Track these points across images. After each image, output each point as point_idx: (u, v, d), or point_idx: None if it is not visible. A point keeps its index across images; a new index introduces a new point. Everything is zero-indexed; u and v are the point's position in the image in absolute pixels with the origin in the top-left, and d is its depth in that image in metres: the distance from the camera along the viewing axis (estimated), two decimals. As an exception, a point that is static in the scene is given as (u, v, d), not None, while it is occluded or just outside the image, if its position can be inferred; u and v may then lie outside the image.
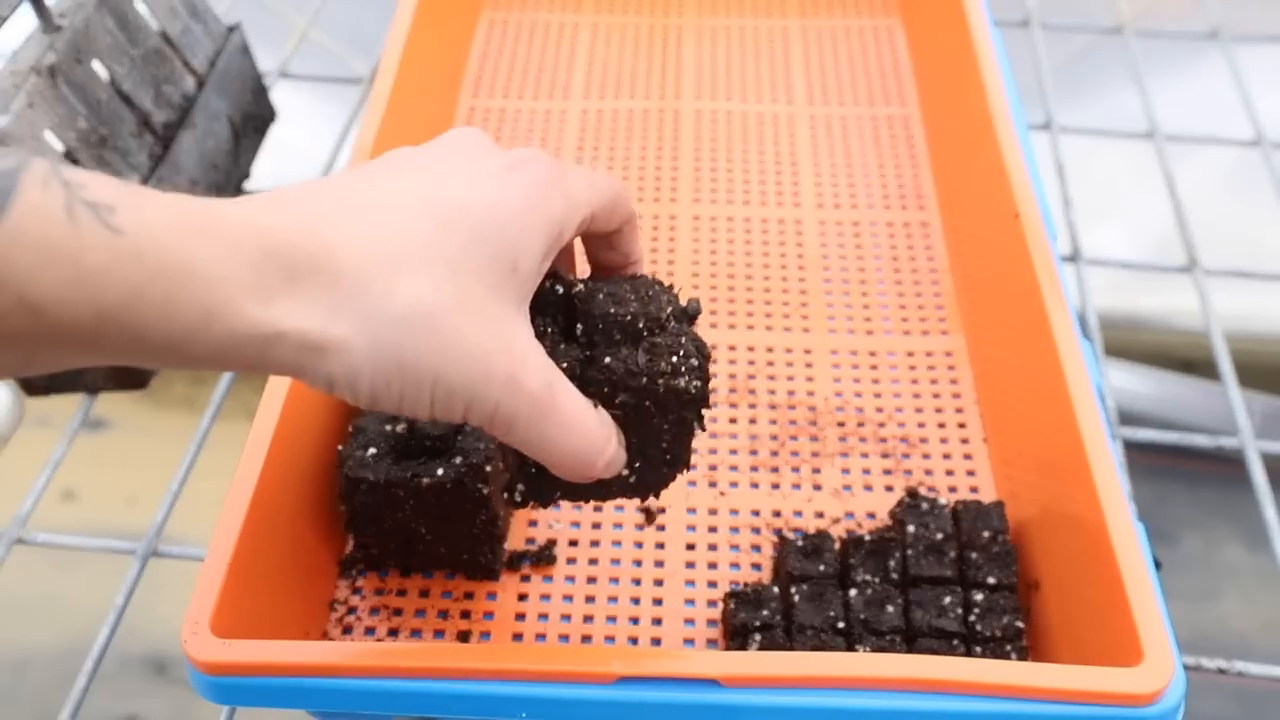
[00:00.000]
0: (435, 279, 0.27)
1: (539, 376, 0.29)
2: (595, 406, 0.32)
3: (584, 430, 0.30)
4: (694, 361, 0.34)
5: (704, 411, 0.35)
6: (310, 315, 0.25)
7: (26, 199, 0.22)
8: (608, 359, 0.33)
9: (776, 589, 0.42)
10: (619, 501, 0.47)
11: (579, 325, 0.34)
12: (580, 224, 0.32)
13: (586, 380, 0.33)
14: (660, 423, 0.34)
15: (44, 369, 0.25)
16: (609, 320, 0.33)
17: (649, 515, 0.47)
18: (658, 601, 0.44)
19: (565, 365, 0.32)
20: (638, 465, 0.35)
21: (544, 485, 0.36)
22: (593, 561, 0.45)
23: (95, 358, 0.24)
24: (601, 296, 0.34)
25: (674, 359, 0.33)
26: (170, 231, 0.24)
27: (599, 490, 0.36)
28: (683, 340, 0.34)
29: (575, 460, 0.31)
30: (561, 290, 0.34)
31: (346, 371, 0.26)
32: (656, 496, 0.36)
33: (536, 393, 0.29)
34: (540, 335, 0.33)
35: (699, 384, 0.33)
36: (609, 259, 0.36)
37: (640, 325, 0.33)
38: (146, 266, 0.23)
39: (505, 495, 0.37)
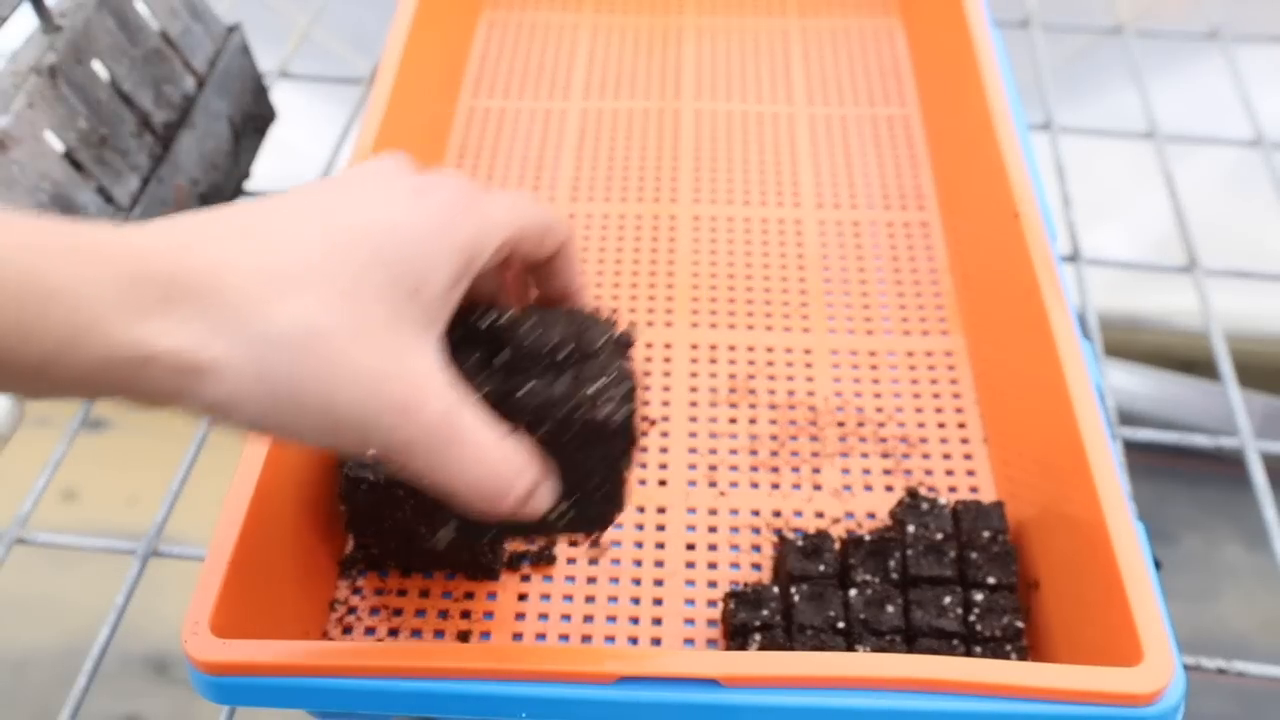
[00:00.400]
0: (326, 301, 0.26)
1: (439, 403, 0.28)
2: (511, 435, 0.30)
3: (490, 461, 0.29)
4: (621, 391, 0.32)
5: (634, 449, 0.34)
6: (186, 336, 0.24)
7: None
8: (526, 388, 0.32)
9: (776, 589, 0.42)
10: (619, 501, 0.47)
11: (505, 353, 0.33)
12: (498, 248, 0.31)
13: (507, 410, 0.31)
14: (588, 456, 0.33)
15: None
16: (533, 348, 0.32)
17: (595, 546, 0.46)
18: (658, 601, 0.44)
19: (485, 393, 0.31)
20: (570, 502, 0.33)
21: (478, 521, 0.33)
22: (593, 561, 0.45)
23: None
24: (530, 324, 0.33)
25: (597, 389, 0.32)
26: (30, 250, 0.23)
27: (534, 527, 0.34)
28: (612, 371, 0.32)
29: (481, 493, 0.29)
30: (492, 319, 0.33)
31: (226, 396, 0.25)
32: (599, 533, 0.35)
33: (434, 420, 0.27)
34: (465, 365, 0.32)
35: (624, 415, 0.32)
36: (549, 289, 0.36)
37: (566, 354, 0.32)
38: (5, 287, 0.22)
39: (434, 534, 0.35)
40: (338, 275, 0.26)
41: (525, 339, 0.32)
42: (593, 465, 0.33)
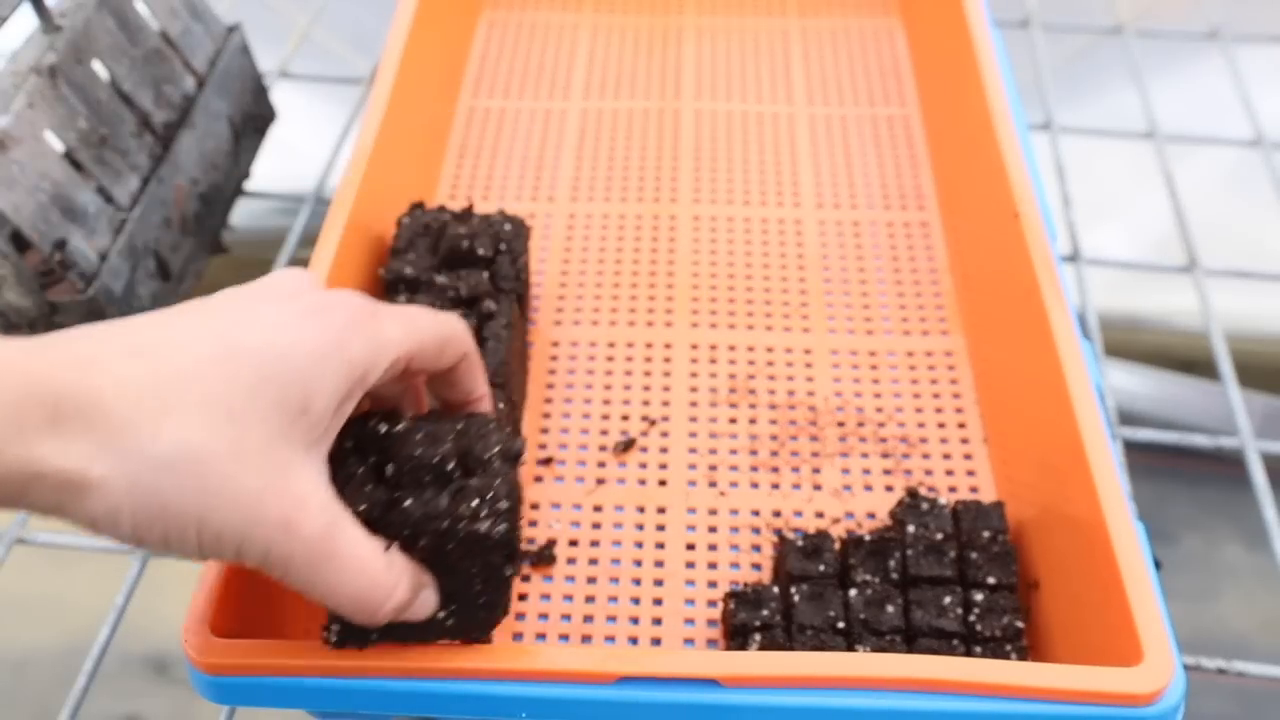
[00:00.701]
0: (211, 422, 0.27)
1: (318, 520, 0.29)
2: (389, 549, 0.31)
3: (365, 575, 0.30)
4: (502, 505, 0.33)
5: (515, 560, 0.34)
6: (71, 456, 0.25)
7: None
8: (408, 502, 0.33)
9: (776, 589, 0.42)
10: (620, 502, 0.47)
11: (390, 466, 0.33)
12: (391, 365, 0.32)
13: (387, 523, 0.32)
14: (469, 566, 0.34)
15: None
16: (416, 462, 0.33)
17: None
18: (658, 601, 0.44)
19: (365, 507, 0.32)
20: (453, 608, 0.34)
21: (360, 626, 0.34)
22: (593, 561, 0.45)
23: None
24: (418, 436, 0.34)
25: (477, 503, 0.33)
26: None
27: (416, 632, 0.35)
28: (495, 484, 0.33)
29: (355, 605, 0.30)
30: (384, 428, 0.34)
31: (106, 511, 0.26)
32: (480, 638, 0.36)
33: (313, 536, 0.28)
34: (351, 476, 0.33)
35: (503, 528, 0.33)
36: (450, 396, 0.36)
37: (449, 467, 0.33)
38: None
39: (323, 633, 0.35)
40: (224, 396, 0.27)
41: (412, 451, 0.33)
42: (473, 575, 0.34)
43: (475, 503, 0.33)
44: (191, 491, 0.27)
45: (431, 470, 0.33)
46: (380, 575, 0.30)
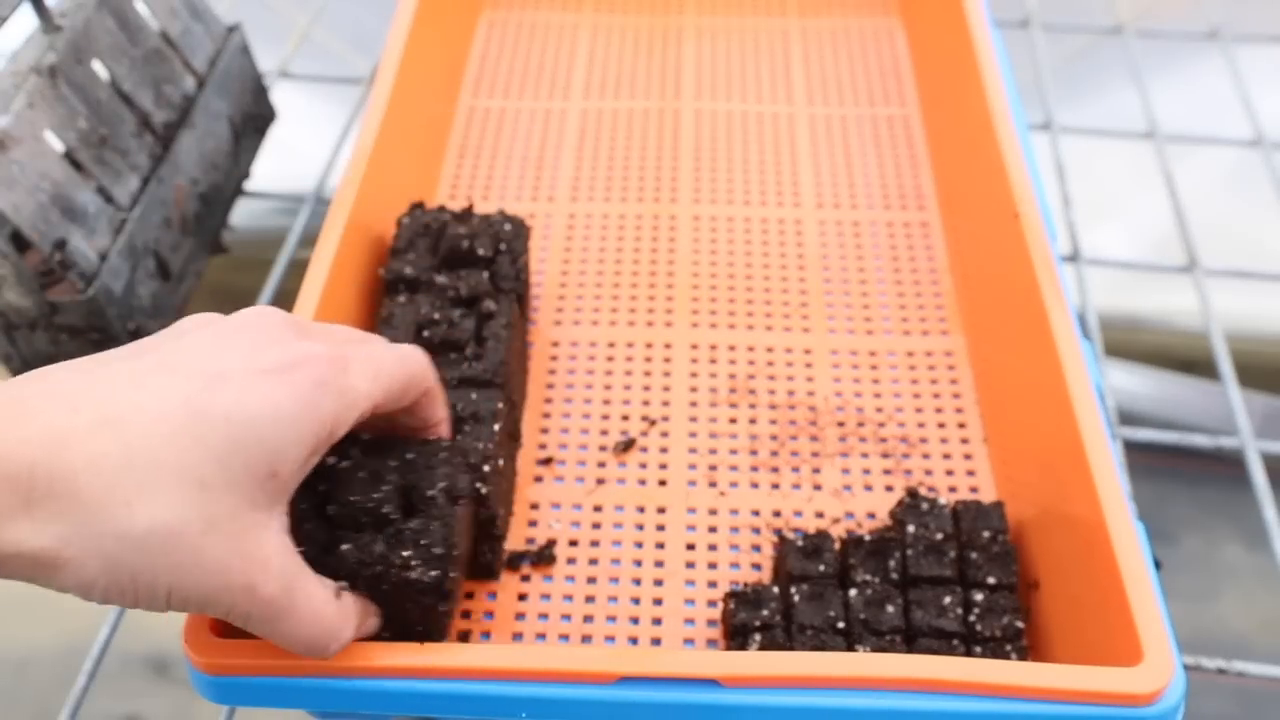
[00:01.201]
0: (182, 498, 0.28)
1: (277, 583, 0.30)
2: (339, 594, 0.33)
3: (319, 625, 0.32)
4: (436, 551, 0.34)
5: (450, 599, 0.36)
6: (44, 537, 0.26)
7: None
8: (345, 546, 0.34)
9: (776, 589, 0.42)
10: (620, 502, 0.47)
11: (330, 506, 0.35)
12: (359, 417, 0.32)
13: (324, 564, 0.34)
14: (404, 604, 0.35)
15: None
16: (355, 505, 0.34)
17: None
18: (658, 601, 0.44)
19: (304, 549, 0.33)
20: (390, 634, 0.36)
21: None
22: (593, 561, 0.45)
23: None
24: (361, 475, 0.35)
25: (410, 552, 0.34)
26: None
27: None
28: (432, 527, 0.35)
29: (307, 649, 0.32)
30: (331, 460, 0.35)
31: (78, 585, 0.27)
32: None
33: (272, 597, 0.30)
34: (300, 509, 0.34)
35: (435, 575, 0.34)
36: (409, 423, 0.37)
37: (386, 510, 0.34)
38: None
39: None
40: (195, 468, 0.28)
41: (352, 494, 0.35)
42: (409, 612, 0.35)
43: (408, 552, 0.34)
44: (163, 566, 0.28)
45: (369, 514, 0.35)
46: (331, 621, 0.32)
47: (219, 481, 0.28)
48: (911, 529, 0.43)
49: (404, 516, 0.35)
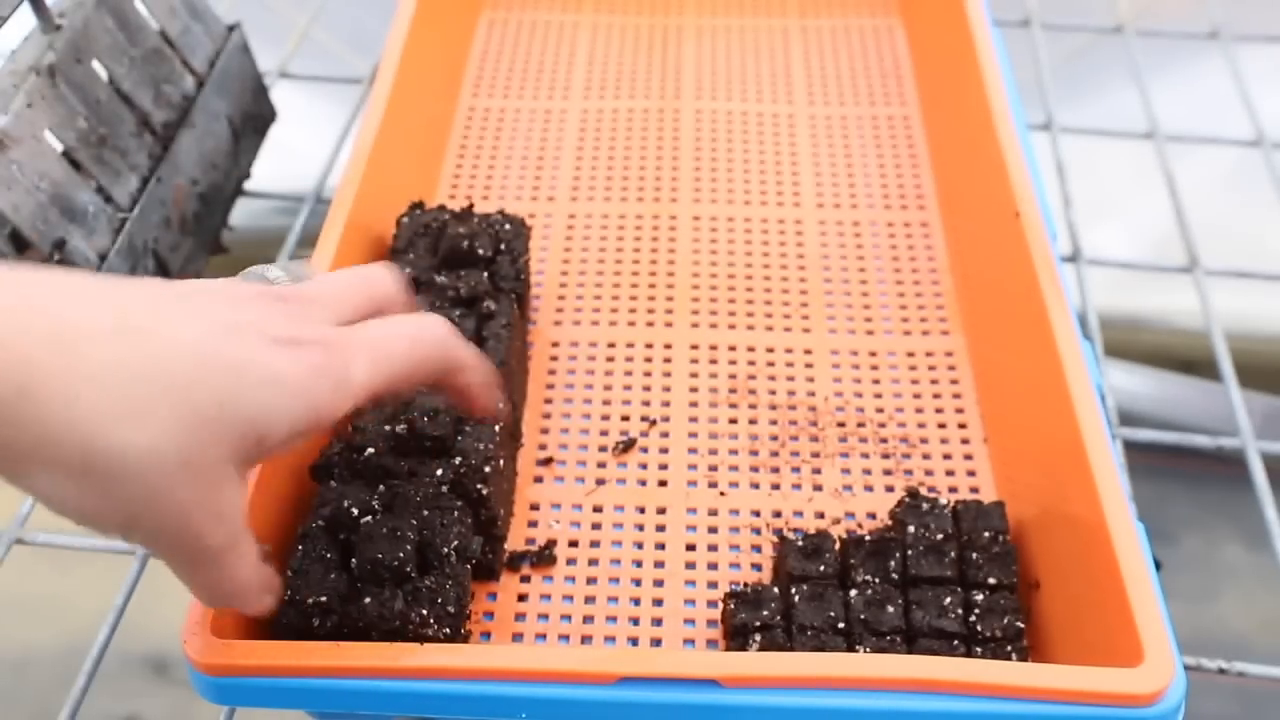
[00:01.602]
0: (172, 430, 0.27)
1: (224, 538, 0.30)
2: (266, 557, 0.33)
3: (236, 583, 0.32)
4: (449, 609, 0.37)
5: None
6: (28, 433, 0.26)
7: None
8: (366, 600, 0.36)
9: (776, 589, 0.42)
10: (620, 502, 0.47)
11: (354, 560, 0.37)
12: (352, 405, 0.32)
13: (345, 614, 0.36)
14: None
15: None
16: (377, 564, 0.37)
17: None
18: (658, 601, 0.44)
19: (325, 598, 0.36)
20: None
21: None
22: (593, 562, 0.45)
23: None
24: (383, 532, 0.37)
25: (426, 610, 0.37)
26: None
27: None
28: (447, 586, 0.37)
29: (213, 602, 0.34)
30: (355, 513, 0.38)
31: (43, 490, 0.27)
32: None
33: (212, 548, 0.30)
34: (317, 560, 0.37)
35: (448, 632, 0.37)
36: (449, 399, 0.38)
37: (408, 569, 0.37)
38: None
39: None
40: (190, 405, 0.28)
41: (375, 552, 0.37)
42: None
43: (425, 610, 0.37)
44: (129, 490, 0.27)
45: (390, 570, 0.37)
46: (251, 589, 0.33)
47: (209, 427, 0.28)
48: (912, 529, 0.43)
49: (419, 573, 0.38)
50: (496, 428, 0.42)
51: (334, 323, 0.33)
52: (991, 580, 0.41)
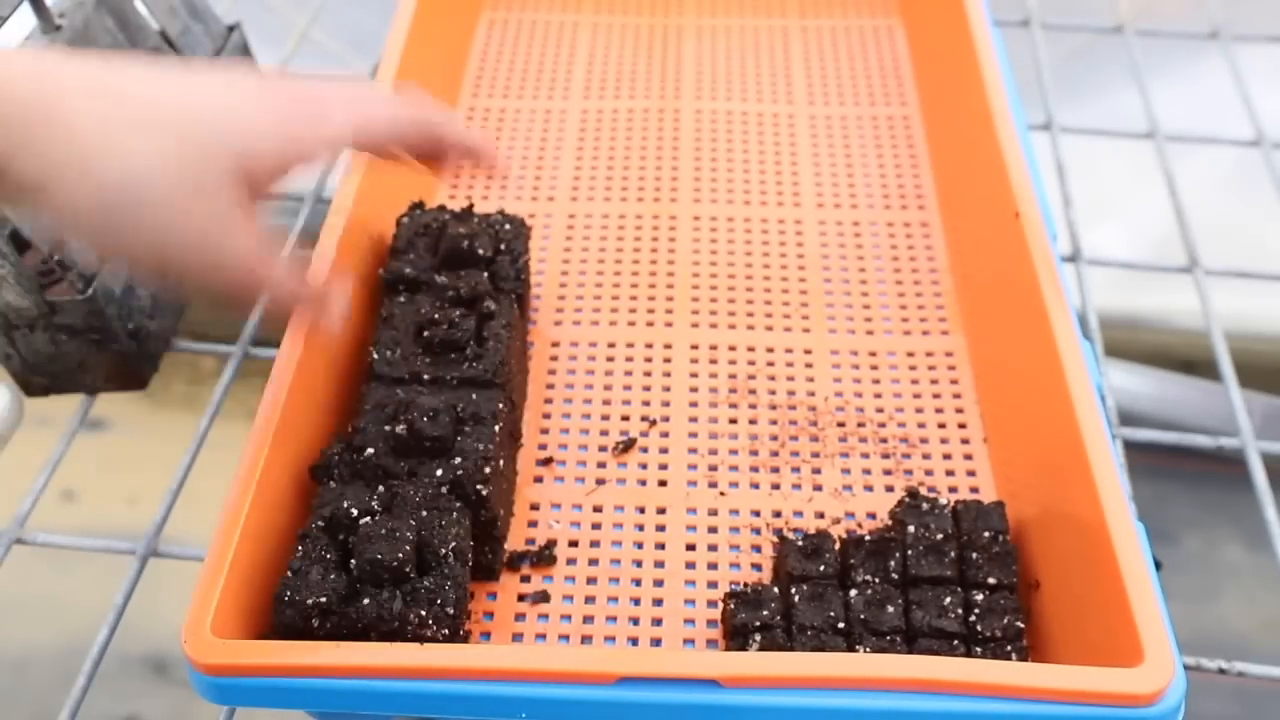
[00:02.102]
0: (176, 160, 0.31)
1: (248, 240, 0.34)
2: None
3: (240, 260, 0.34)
4: (448, 610, 0.37)
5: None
6: (43, 164, 0.29)
7: None
8: (365, 601, 0.37)
9: (776, 589, 0.42)
10: (620, 502, 0.47)
11: (353, 561, 0.38)
12: (337, 141, 0.36)
13: (344, 614, 0.37)
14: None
15: None
16: (376, 565, 0.37)
17: None
18: (658, 601, 0.44)
19: (326, 599, 0.37)
20: None
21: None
22: (593, 562, 0.45)
23: None
24: (382, 534, 0.38)
25: (424, 610, 0.37)
26: None
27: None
28: (445, 587, 0.37)
29: (237, 285, 0.35)
30: (354, 514, 0.39)
31: (63, 207, 0.30)
32: None
33: (240, 253, 0.34)
34: (317, 560, 0.38)
35: (446, 633, 0.37)
36: (445, 162, 0.41)
37: (407, 569, 0.37)
38: None
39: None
40: (189, 141, 0.32)
41: (375, 553, 0.37)
42: None
43: (424, 611, 0.37)
44: (153, 217, 0.31)
45: (389, 571, 0.37)
46: (292, 279, 0.36)
47: (203, 152, 0.32)
48: (912, 529, 0.43)
49: (418, 573, 0.38)
50: (496, 428, 0.42)
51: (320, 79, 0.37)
52: (991, 580, 0.41)
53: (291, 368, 0.43)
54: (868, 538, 0.43)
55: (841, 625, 0.40)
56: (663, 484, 0.48)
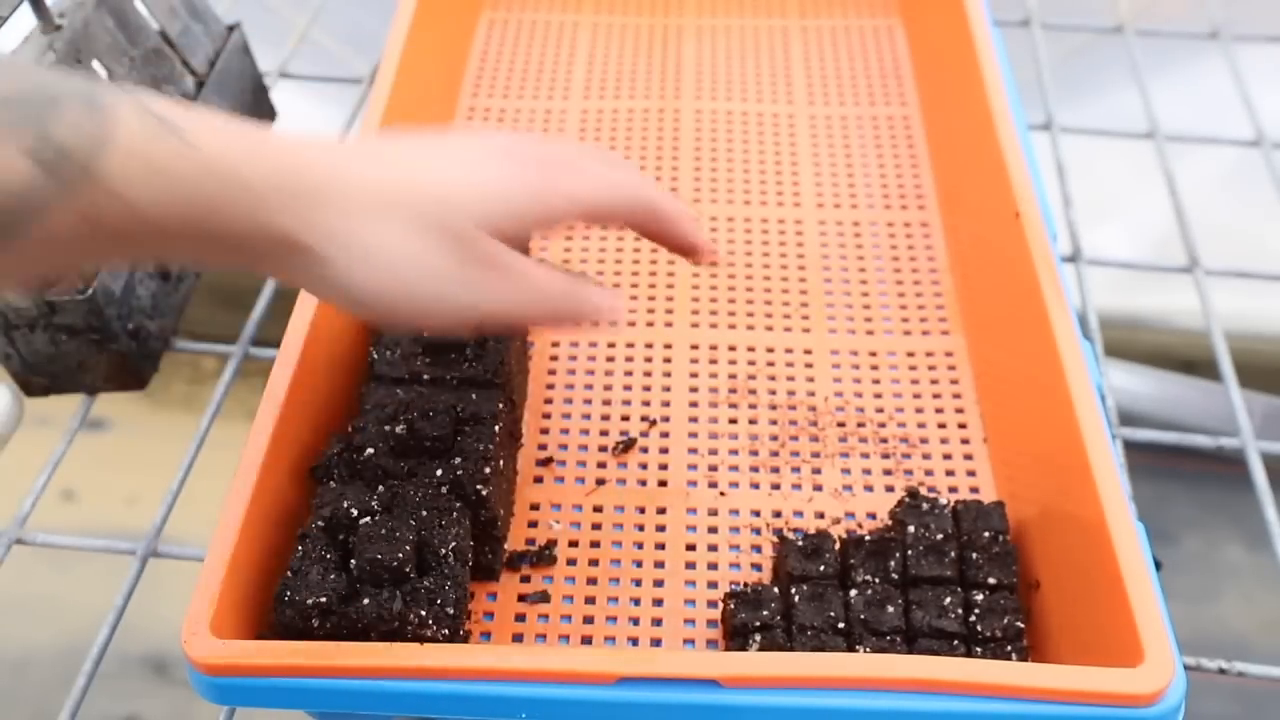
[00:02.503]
0: (408, 231, 0.33)
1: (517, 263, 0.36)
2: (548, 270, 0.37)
3: (548, 290, 0.36)
4: (448, 610, 0.37)
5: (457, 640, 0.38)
6: (318, 232, 0.32)
7: (128, 125, 0.28)
8: (365, 601, 0.37)
9: (776, 589, 0.42)
10: (620, 502, 0.47)
11: (353, 561, 0.38)
12: (563, 209, 0.36)
13: (344, 614, 0.37)
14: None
15: (132, 260, 0.33)
16: (376, 565, 0.37)
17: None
18: (658, 602, 0.44)
19: (325, 599, 0.36)
20: None
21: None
22: (593, 562, 0.45)
23: (166, 251, 0.32)
24: (382, 534, 0.38)
25: (424, 611, 0.37)
26: (230, 151, 0.30)
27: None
28: (445, 587, 0.37)
29: (548, 309, 0.37)
30: (354, 514, 0.39)
31: (336, 279, 0.33)
32: None
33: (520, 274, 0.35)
34: (316, 561, 0.38)
35: (446, 633, 0.37)
36: (662, 243, 0.41)
37: (407, 569, 0.37)
38: (216, 176, 0.30)
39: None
40: (423, 218, 0.34)
41: (375, 553, 0.37)
42: None
43: (424, 611, 0.37)
44: (415, 281, 0.33)
45: (389, 571, 0.37)
46: (564, 284, 0.37)
47: (433, 231, 0.34)
48: (912, 529, 0.43)
49: (418, 574, 0.38)
50: (496, 428, 0.42)
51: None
52: (991, 580, 0.41)
53: (291, 368, 0.43)
54: (868, 538, 0.43)
55: (841, 625, 0.40)
56: (663, 484, 0.48)
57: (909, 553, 0.42)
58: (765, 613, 0.41)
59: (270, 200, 0.31)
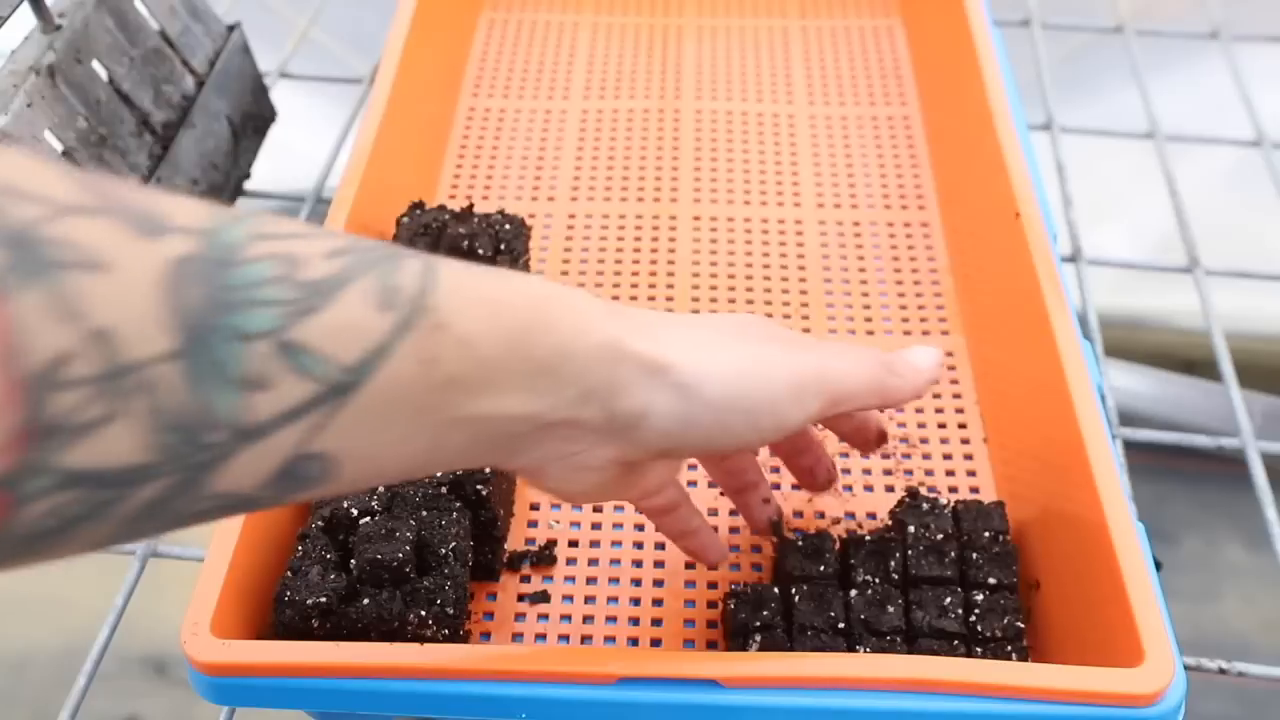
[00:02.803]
0: (744, 386, 0.33)
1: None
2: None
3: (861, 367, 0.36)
4: (449, 610, 0.37)
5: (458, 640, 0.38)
6: (657, 400, 0.31)
7: (450, 264, 0.28)
8: (365, 601, 0.37)
9: (776, 589, 0.42)
10: (619, 501, 0.47)
11: (353, 561, 0.38)
12: (833, 401, 0.36)
13: (344, 614, 0.37)
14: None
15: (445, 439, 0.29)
16: (376, 565, 0.37)
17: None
18: (658, 602, 0.44)
19: (325, 599, 0.37)
20: None
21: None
22: (593, 562, 0.45)
23: (488, 399, 0.29)
24: (382, 534, 0.38)
25: (424, 611, 0.37)
26: (544, 281, 0.30)
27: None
28: (445, 587, 0.37)
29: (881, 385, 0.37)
30: (354, 514, 0.39)
31: (663, 433, 0.32)
32: None
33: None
34: (316, 561, 0.38)
35: (446, 633, 0.37)
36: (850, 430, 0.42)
37: (406, 569, 0.37)
38: (536, 296, 0.29)
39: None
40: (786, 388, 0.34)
41: (375, 553, 0.37)
42: None
43: (424, 612, 0.37)
44: (739, 391, 0.33)
45: (389, 571, 0.37)
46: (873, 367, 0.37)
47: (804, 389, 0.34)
48: (912, 529, 0.43)
49: (418, 574, 0.38)
50: None
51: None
52: (992, 580, 0.41)
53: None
54: (868, 538, 0.43)
55: (842, 625, 0.40)
56: (663, 484, 0.48)
57: (909, 553, 0.42)
58: (765, 613, 0.41)
59: (596, 310, 0.30)
